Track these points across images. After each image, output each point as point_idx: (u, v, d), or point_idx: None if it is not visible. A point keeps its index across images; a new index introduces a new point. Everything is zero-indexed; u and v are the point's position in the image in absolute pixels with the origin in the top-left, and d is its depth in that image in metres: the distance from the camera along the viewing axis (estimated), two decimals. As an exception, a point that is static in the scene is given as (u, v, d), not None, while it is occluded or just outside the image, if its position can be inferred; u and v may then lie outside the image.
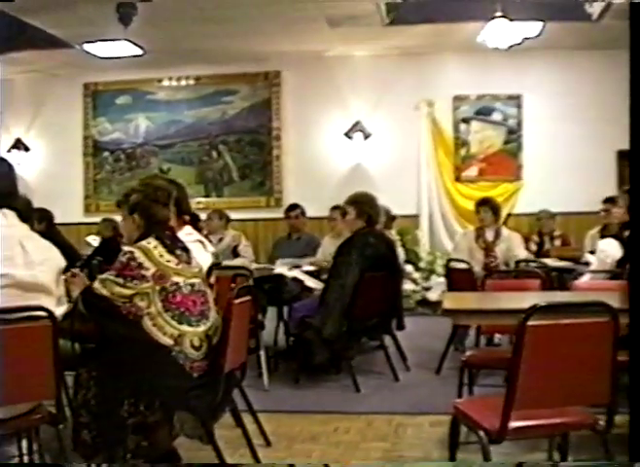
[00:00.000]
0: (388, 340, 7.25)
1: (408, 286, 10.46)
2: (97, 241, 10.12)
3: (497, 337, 7.12)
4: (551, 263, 8.02)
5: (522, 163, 11.92)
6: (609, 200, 8.43)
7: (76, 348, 4.07)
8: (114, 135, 12.91)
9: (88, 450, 3.83)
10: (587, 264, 7.06)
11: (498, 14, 9.06)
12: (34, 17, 9.21)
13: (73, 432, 3.86)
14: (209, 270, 4.69)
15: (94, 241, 10.25)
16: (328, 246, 8.41)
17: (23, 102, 12.83)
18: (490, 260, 8.13)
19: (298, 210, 9.51)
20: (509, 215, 11.34)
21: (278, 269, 7.80)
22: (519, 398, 3.10)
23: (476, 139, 12.12)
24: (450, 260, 8.17)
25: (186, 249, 4.08)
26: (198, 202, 11.47)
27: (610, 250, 6.11)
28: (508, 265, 8.02)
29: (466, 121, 12.11)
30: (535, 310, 3.09)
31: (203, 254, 5.06)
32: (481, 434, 3.23)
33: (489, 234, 8.32)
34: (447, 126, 12.12)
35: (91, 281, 3.98)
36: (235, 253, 8.72)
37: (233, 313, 4.03)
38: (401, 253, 8.49)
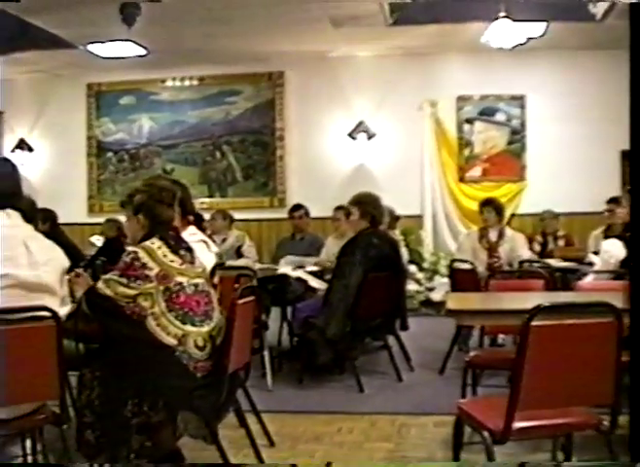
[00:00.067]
0: (392, 340, 7.24)
1: (411, 286, 10.46)
2: (101, 241, 10.13)
3: (501, 337, 7.12)
4: (555, 263, 8.02)
5: (526, 164, 11.91)
6: (613, 201, 8.43)
7: (80, 348, 4.07)
8: (117, 136, 12.91)
9: (91, 450, 3.83)
10: (591, 264, 7.07)
11: (502, 14, 9.06)
12: (37, 17, 9.22)
13: (77, 432, 3.86)
14: (213, 271, 4.68)
15: (98, 241, 10.27)
16: (331, 246, 8.40)
17: (27, 102, 12.85)
18: (494, 260, 8.12)
19: (301, 210, 9.51)
20: (512, 215, 11.34)
21: (282, 270, 7.79)
22: (523, 398, 3.10)
23: (479, 139, 12.11)
24: (454, 260, 8.17)
25: (190, 249, 4.08)
26: (202, 203, 11.44)
27: (614, 250, 6.10)
28: (511, 265, 8.01)
29: (470, 121, 12.10)
30: (539, 311, 3.09)
31: (207, 254, 5.06)
32: (485, 434, 3.23)
33: (493, 235, 8.31)
34: (451, 127, 12.11)
35: (95, 281, 3.98)
36: (239, 253, 8.71)
37: (237, 313, 4.03)
38: (404, 253, 8.47)
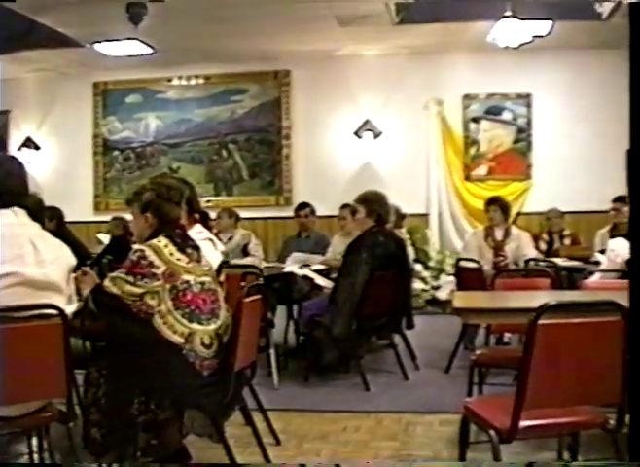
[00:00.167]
0: (398, 338, 7.23)
1: (417, 285, 10.46)
2: (108, 238, 10.15)
3: (507, 336, 7.10)
4: (561, 262, 7.99)
5: (532, 162, 11.90)
6: (619, 199, 8.40)
7: (86, 346, 4.09)
8: (124, 134, 12.92)
9: (98, 448, 3.84)
10: (597, 263, 7.05)
11: (508, 13, 9.06)
12: (44, 15, 9.22)
13: (83, 430, 3.87)
14: (219, 269, 4.69)
15: (105, 238, 10.28)
16: (338, 245, 8.40)
17: (34, 101, 12.86)
18: (500, 259, 8.11)
19: (307, 209, 9.49)
20: (518, 214, 11.32)
21: (288, 268, 7.79)
22: (530, 397, 3.10)
23: (485, 138, 12.10)
24: (460, 259, 8.15)
25: (196, 247, 4.08)
26: (208, 201, 11.45)
27: (620, 249, 6.08)
28: (517, 264, 8.01)
29: (476, 120, 12.08)
30: (546, 309, 3.08)
31: (213, 252, 5.07)
32: (492, 433, 3.22)
33: (499, 234, 8.30)
34: (457, 125, 12.10)
35: (101, 279, 3.99)
36: (245, 252, 8.69)
37: (244, 312, 4.03)
38: (410, 252, 8.48)
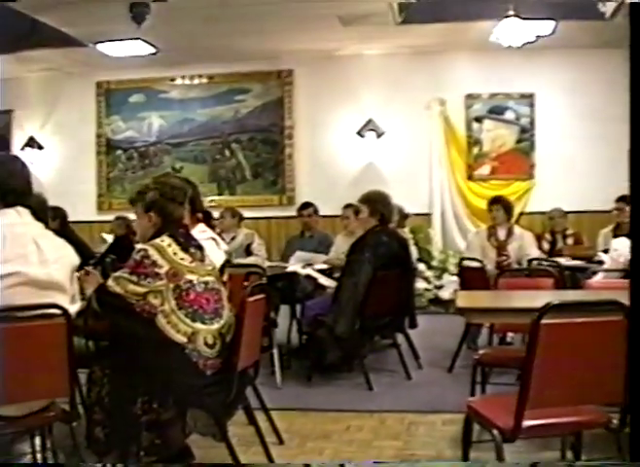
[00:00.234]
0: (401, 338, 7.23)
1: (420, 284, 10.46)
2: (111, 238, 10.16)
3: (509, 335, 7.11)
4: (564, 262, 7.99)
5: (535, 162, 11.89)
6: (622, 199, 8.39)
7: (90, 346, 4.09)
8: (127, 134, 12.93)
9: (101, 448, 3.84)
10: (601, 262, 7.05)
11: (511, 12, 9.06)
12: (48, 15, 9.24)
13: (86, 430, 3.88)
14: (222, 268, 4.69)
15: (109, 237, 10.30)
16: (341, 244, 8.39)
17: (37, 100, 12.87)
18: (503, 258, 8.10)
19: (311, 209, 9.48)
20: (521, 214, 11.33)
21: (291, 268, 7.78)
22: (533, 397, 3.10)
23: (488, 138, 12.09)
24: (463, 258, 8.16)
25: (200, 247, 4.08)
26: (211, 201, 11.47)
27: (623, 249, 6.07)
28: (520, 263, 8.00)
29: (478, 119, 12.08)
30: (549, 309, 3.08)
31: (216, 251, 5.06)
32: (495, 433, 3.22)
33: (502, 233, 8.29)
34: (460, 125, 12.09)
35: (105, 279, 3.99)
36: (248, 251, 8.68)
37: (247, 311, 4.03)
38: (413, 251, 8.47)
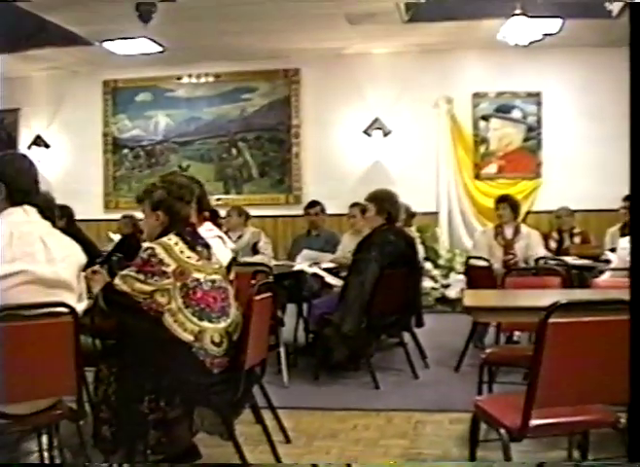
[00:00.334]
0: (407, 337, 7.21)
1: (427, 283, 10.46)
2: (117, 237, 10.17)
3: (516, 334, 7.10)
4: (571, 260, 7.97)
5: (542, 161, 11.88)
6: (629, 198, 8.36)
7: (97, 344, 4.10)
8: (133, 132, 12.96)
9: (108, 446, 3.85)
10: (608, 261, 7.03)
11: (518, 11, 9.05)
12: (54, 14, 9.25)
13: (93, 428, 3.88)
14: (229, 266, 4.69)
15: (115, 236, 10.31)
16: (348, 243, 8.38)
17: (44, 99, 12.90)
18: (510, 257, 8.08)
19: (317, 207, 9.45)
20: (528, 213, 11.32)
21: (298, 266, 7.78)
22: (540, 396, 3.09)
23: (495, 136, 12.09)
24: (470, 257, 8.15)
25: (207, 245, 4.08)
26: (218, 199, 11.47)
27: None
28: (527, 262, 7.99)
29: (485, 118, 12.07)
30: (556, 308, 3.07)
31: (223, 250, 5.05)
32: (502, 432, 3.21)
33: (508, 232, 8.27)
34: (467, 124, 12.09)
35: (111, 278, 3.99)
36: (255, 250, 8.68)
37: (254, 310, 4.02)
38: (420, 250, 8.46)
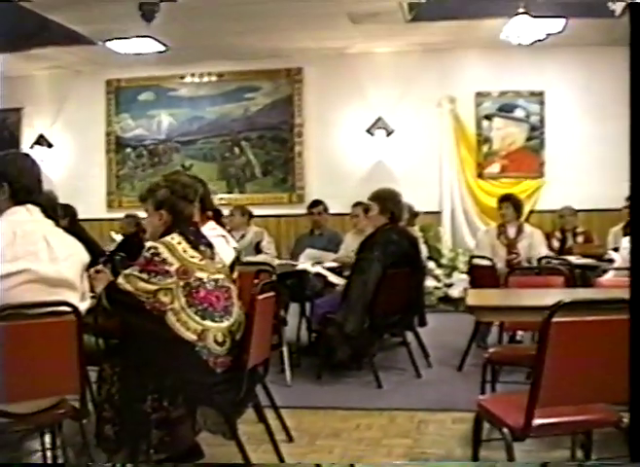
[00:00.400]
0: (410, 336, 7.22)
1: (429, 283, 10.45)
2: (119, 237, 10.17)
3: (519, 333, 7.10)
4: (575, 260, 7.97)
5: (545, 160, 11.87)
6: (630, 198, 8.35)
7: (100, 343, 4.10)
8: (136, 131, 12.96)
9: (111, 445, 3.85)
10: (611, 261, 7.02)
11: (521, 10, 9.04)
12: (57, 13, 9.25)
13: (96, 427, 3.89)
14: (232, 266, 4.69)
15: (117, 236, 10.31)
16: (350, 243, 8.38)
17: (46, 98, 12.91)
18: (513, 256, 8.07)
19: (320, 206, 9.44)
20: (531, 212, 11.31)
21: (301, 266, 7.78)
22: (543, 395, 3.09)
23: (498, 136, 12.08)
24: (473, 257, 8.14)
25: (210, 245, 4.08)
26: (221, 199, 11.48)
27: (634, 247, 6.05)
28: (530, 262, 7.98)
29: (488, 117, 12.06)
30: (559, 307, 3.07)
31: (226, 249, 5.05)
32: (505, 431, 3.21)
33: (511, 231, 8.26)
34: (470, 123, 12.08)
35: (114, 277, 3.99)
36: (258, 249, 8.68)
37: (257, 309, 4.02)
38: (423, 250, 8.45)
